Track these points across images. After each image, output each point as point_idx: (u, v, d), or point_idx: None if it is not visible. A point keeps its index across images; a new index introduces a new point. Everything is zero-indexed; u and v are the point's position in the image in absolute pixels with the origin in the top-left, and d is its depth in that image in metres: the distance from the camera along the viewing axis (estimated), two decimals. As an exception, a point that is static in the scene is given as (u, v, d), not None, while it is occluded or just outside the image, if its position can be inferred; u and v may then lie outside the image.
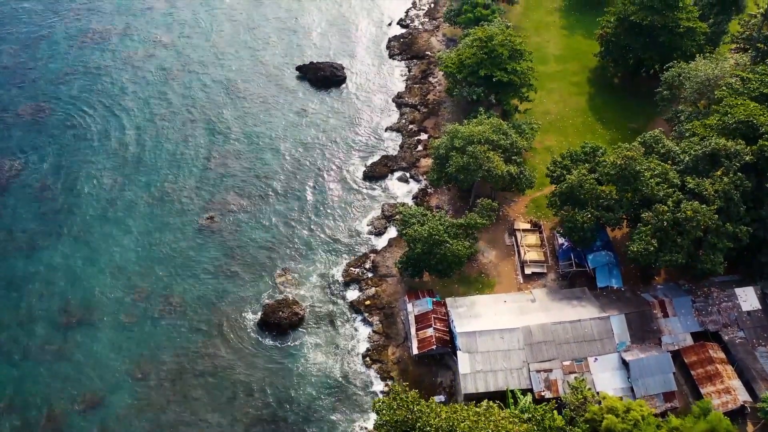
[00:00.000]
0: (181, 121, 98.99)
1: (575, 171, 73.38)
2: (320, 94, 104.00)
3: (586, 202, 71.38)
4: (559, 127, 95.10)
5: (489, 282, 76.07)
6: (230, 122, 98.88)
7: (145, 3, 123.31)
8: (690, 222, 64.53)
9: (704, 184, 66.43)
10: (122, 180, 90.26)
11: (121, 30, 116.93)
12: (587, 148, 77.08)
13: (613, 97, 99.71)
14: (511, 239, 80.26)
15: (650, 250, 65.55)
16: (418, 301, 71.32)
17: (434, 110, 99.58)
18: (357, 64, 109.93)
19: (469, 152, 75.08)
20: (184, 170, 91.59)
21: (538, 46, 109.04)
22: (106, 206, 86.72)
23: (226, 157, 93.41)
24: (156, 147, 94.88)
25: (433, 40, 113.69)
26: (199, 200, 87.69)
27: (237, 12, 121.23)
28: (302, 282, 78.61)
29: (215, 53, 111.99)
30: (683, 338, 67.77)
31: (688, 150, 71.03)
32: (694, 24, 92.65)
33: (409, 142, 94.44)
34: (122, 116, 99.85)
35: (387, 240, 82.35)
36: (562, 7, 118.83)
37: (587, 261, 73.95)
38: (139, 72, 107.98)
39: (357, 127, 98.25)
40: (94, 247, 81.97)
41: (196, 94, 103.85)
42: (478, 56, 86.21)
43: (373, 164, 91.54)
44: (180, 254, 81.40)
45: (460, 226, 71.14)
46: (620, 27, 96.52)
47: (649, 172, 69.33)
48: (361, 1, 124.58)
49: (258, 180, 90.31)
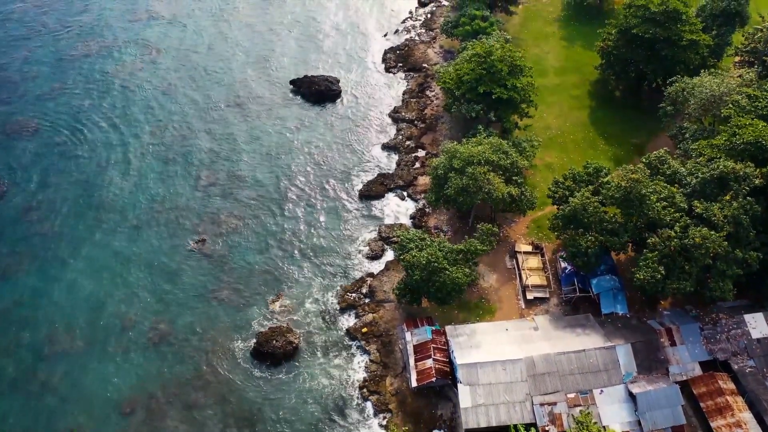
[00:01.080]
0: (171, 138, 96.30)
1: (578, 193, 70.96)
2: (315, 109, 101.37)
3: (589, 226, 69.00)
4: (559, 143, 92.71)
5: (490, 308, 73.60)
6: (222, 139, 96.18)
7: (134, 15, 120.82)
8: (698, 249, 62.17)
9: (713, 208, 64.09)
10: (110, 200, 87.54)
11: (111, 43, 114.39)
12: (590, 169, 74.73)
13: (615, 111, 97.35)
14: (512, 262, 77.82)
15: (657, 278, 63.17)
16: (416, 330, 68.81)
17: (432, 125, 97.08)
18: (352, 77, 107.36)
19: (468, 174, 72.61)
20: (173, 190, 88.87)
21: (538, 58, 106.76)
22: (93, 228, 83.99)
23: (217, 176, 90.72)
24: (145, 166, 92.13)
25: (430, 51, 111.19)
26: (190, 222, 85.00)
27: (230, 25, 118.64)
28: (297, 308, 75.95)
29: (207, 67, 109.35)
30: (692, 368, 65.44)
31: (695, 172, 68.69)
32: (697, 37, 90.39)
33: (406, 160, 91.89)
34: (111, 133, 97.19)
35: (384, 263, 79.77)
36: (561, 17, 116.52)
37: (591, 286, 71.52)
38: (129, 87, 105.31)
39: (352, 143, 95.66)
40: (81, 272, 79.19)
41: (187, 110, 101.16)
42: (476, 72, 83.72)
43: (370, 183, 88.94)
44: (169, 279, 78.67)
45: (460, 252, 68.65)
46: (621, 39, 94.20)
47: (655, 195, 66.97)
48: (356, 12, 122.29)
49: (250, 200, 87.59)
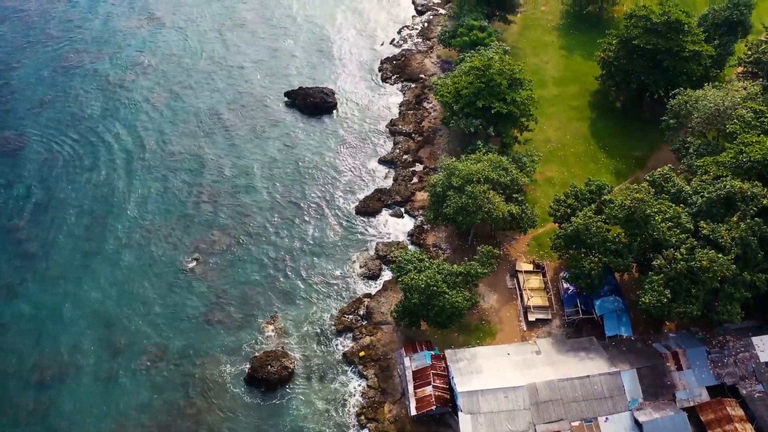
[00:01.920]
0: (164, 153, 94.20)
1: (581, 213, 69.11)
2: (310, 121, 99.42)
3: (592, 246, 67.15)
4: (560, 156, 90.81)
5: (490, 330, 71.65)
6: (215, 155, 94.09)
7: (129, 24, 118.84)
8: (706, 272, 60.33)
9: (720, 230, 62.25)
10: (101, 219, 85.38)
11: (102, 54, 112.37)
12: (592, 186, 72.87)
13: (616, 123, 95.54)
14: (513, 282, 75.91)
15: (663, 302, 61.30)
16: (415, 355, 66.80)
17: (429, 138, 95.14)
18: (348, 89, 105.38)
19: (467, 192, 70.70)
20: (166, 208, 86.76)
21: (536, 68, 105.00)
22: (83, 249, 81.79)
23: (211, 193, 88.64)
24: (136, 182, 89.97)
25: (427, 62, 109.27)
26: (182, 241, 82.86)
27: (226, 36, 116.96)
28: (292, 330, 73.87)
29: (202, 78, 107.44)
30: (699, 393, 63.54)
31: (700, 191, 66.86)
32: (699, 47, 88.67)
33: (404, 174, 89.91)
34: (101, 148, 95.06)
35: (382, 283, 77.77)
36: (560, 26, 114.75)
37: (594, 307, 69.68)
38: (120, 99, 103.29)
39: (348, 158, 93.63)
40: (70, 295, 76.99)
41: (180, 123, 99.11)
42: (475, 85, 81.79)
43: (366, 198, 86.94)
44: (161, 301, 76.53)
45: (459, 275, 66.68)
46: (622, 50, 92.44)
47: (660, 215, 65.11)
48: (352, 21, 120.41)
49: (244, 218, 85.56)
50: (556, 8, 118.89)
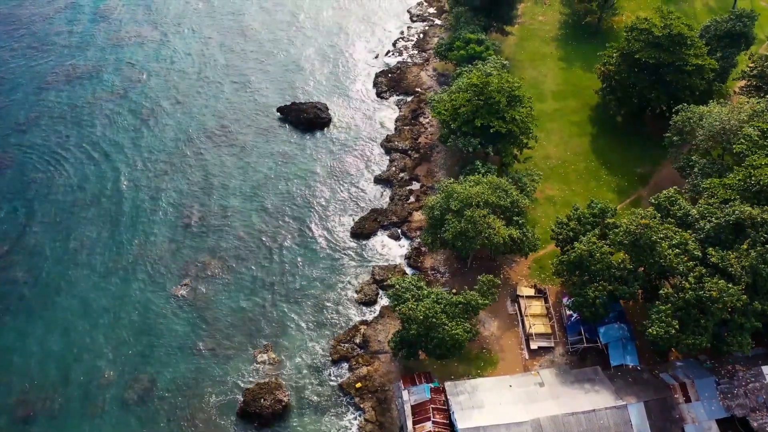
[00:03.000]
0: (152, 173, 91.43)
1: (584, 238, 66.76)
2: (303, 138, 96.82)
3: (596, 273, 64.79)
4: (560, 174, 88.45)
5: (491, 359, 69.22)
6: (205, 174, 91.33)
7: (117, 37, 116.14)
8: (715, 303, 58.02)
9: (729, 257, 59.93)
10: (88, 242, 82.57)
11: (92, 67, 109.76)
12: (595, 209, 70.48)
13: (617, 139, 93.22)
14: (514, 307, 73.50)
15: (671, 333, 58.98)
16: (414, 388, 64.19)
17: (426, 155, 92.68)
18: (342, 104, 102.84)
19: (467, 217, 68.27)
20: (155, 230, 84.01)
21: (535, 81, 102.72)
22: (70, 275, 78.95)
23: (201, 215, 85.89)
24: (124, 204, 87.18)
25: (423, 75, 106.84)
26: (172, 265, 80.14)
27: (217, 49, 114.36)
28: (286, 361, 71.20)
29: (192, 93, 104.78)
30: (708, 427, 61.16)
31: (707, 215, 64.52)
32: (702, 61, 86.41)
33: (400, 193, 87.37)
34: (88, 168, 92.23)
35: (378, 309, 75.25)
36: (558, 37, 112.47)
37: (599, 335, 67.32)
38: (110, 115, 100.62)
39: (343, 176, 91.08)
40: (55, 324, 74.15)
41: (169, 141, 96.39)
42: (473, 103, 79.34)
43: (362, 219, 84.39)
44: (151, 330, 73.77)
45: (459, 304, 64.21)
46: (623, 64, 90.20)
47: (667, 241, 62.75)
48: (346, 32, 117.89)
49: (235, 240, 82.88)
50: (554, 18, 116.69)
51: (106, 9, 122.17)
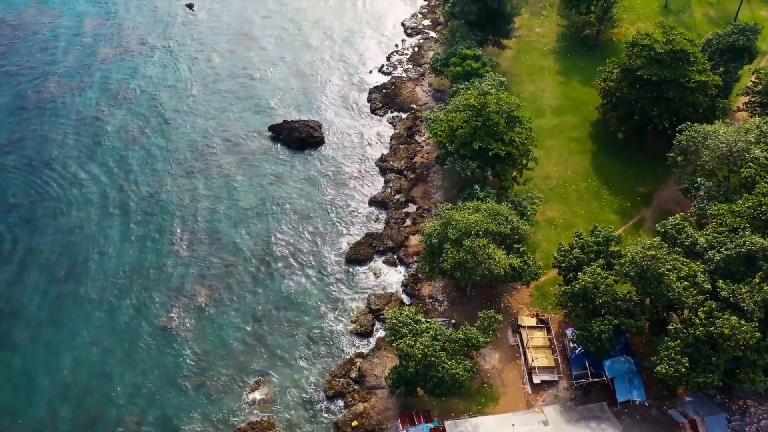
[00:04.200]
0: (139, 196, 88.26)
1: (588, 268, 64.08)
2: (296, 158, 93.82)
3: (602, 306, 62.15)
4: (561, 194, 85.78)
5: (492, 394, 66.39)
6: (194, 197, 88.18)
7: (102, 52, 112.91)
8: (727, 340, 55.42)
9: (741, 291, 57.31)
10: (72, 272, 79.32)
11: (77, 84, 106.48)
12: (599, 237, 67.79)
13: (618, 156, 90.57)
14: (515, 337, 70.78)
15: (681, 371, 56.36)
16: (413, 429, 61.36)
17: (423, 175, 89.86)
18: (336, 121, 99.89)
19: (466, 247, 65.49)
20: (142, 258, 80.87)
21: (533, 96, 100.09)
22: (54, 307, 75.76)
23: (190, 241, 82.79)
24: (110, 230, 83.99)
25: (418, 90, 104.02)
26: (159, 294, 77.09)
27: (205, 64, 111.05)
28: (278, 397, 68.18)
29: (179, 112, 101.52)
30: (720, 467, 58.87)
31: (716, 245, 61.92)
32: (706, 77, 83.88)
33: (396, 216, 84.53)
34: (73, 192, 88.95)
35: (374, 341, 72.39)
36: (556, 49, 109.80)
37: (604, 368, 64.63)
38: (95, 136, 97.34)
39: (337, 199, 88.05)
40: (39, 359, 71.00)
41: (158, 162, 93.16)
42: (471, 124, 76.56)
43: (357, 244, 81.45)
44: (137, 363, 70.75)
45: (458, 341, 61.38)
46: (624, 80, 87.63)
47: (675, 273, 60.11)
48: (339, 46, 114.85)
49: (225, 268, 79.83)
50: (552, 30, 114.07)
51: (91, 25, 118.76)
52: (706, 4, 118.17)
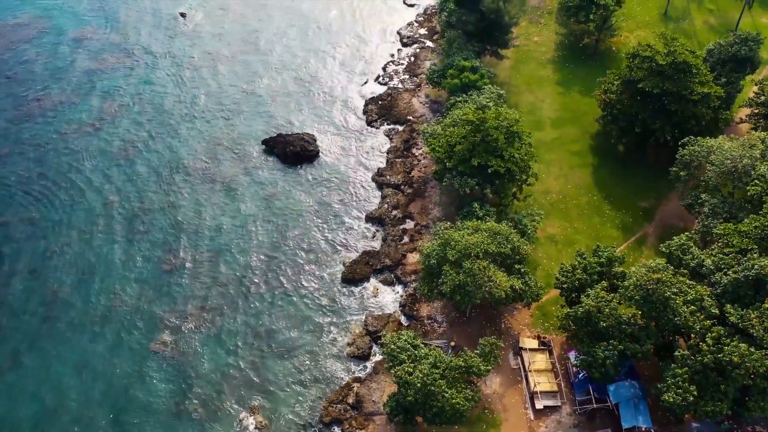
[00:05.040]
0: (129, 214, 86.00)
1: (591, 291, 62.25)
2: (290, 173, 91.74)
3: (605, 330, 60.28)
4: (561, 210, 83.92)
5: (494, 420, 64.42)
6: (186, 213, 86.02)
7: (91, 64, 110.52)
8: (737, 368, 53.63)
9: (750, 317, 55.57)
10: (59, 293, 77.00)
11: (65, 97, 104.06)
12: (602, 258, 65.92)
13: (619, 169, 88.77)
14: (517, 360, 68.87)
15: (689, 400, 54.55)
16: (412, 459, 59.66)
17: (420, 190, 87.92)
18: (331, 134, 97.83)
19: (465, 270, 63.58)
20: (132, 277, 78.71)
21: (532, 107, 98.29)
22: (39, 331, 73.39)
23: (182, 259, 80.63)
24: (99, 248, 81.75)
25: (415, 101, 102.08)
26: (151, 317, 74.91)
27: (196, 76, 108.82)
28: (273, 423, 65.97)
29: (171, 125, 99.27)
30: (729, 497, 57.08)
31: (723, 267, 60.17)
32: (708, 89, 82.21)
33: (393, 233, 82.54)
34: (61, 209, 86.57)
35: (372, 365, 70.39)
36: (555, 59, 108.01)
37: (609, 393, 62.77)
38: (84, 151, 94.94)
39: (333, 215, 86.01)
40: (23, 386, 68.66)
41: (148, 179, 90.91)
42: (469, 140, 74.62)
43: (353, 263, 79.43)
44: (127, 390, 68.49)
45: (459, 368, 59.43)
46: (625, 92, 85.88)
47: (681, 297, 58.33)
48: (334, 57, 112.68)
49: (218, 287, 77.72)
50: (550, 38, 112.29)
51: (80, 35, 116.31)
52: (707, 11, 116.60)
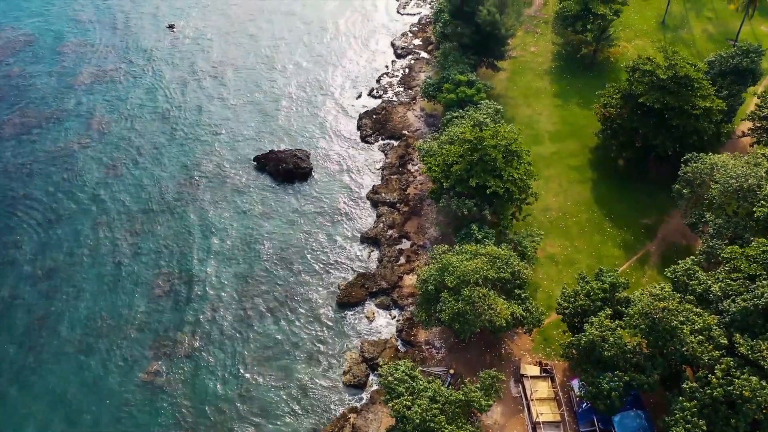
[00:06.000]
0: (117, 236, 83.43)
1: (595, 319, 60.19)
2: (282, 191, 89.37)
3: (610, 359, 58.26)
4: (561, 228, 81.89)
5: (495, 453, 62.62)
6: (175, 236, 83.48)
7: (78, 78, 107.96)
8: (748, 402, 51.68)
9: (760, 348, 53.54)
10: (44, 321, 74.42)
11: (50, 114, 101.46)
12: (605, 283, 63.81)
13: (620, 185, 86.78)
14: (518, 388, 66.79)
15: (699, 436, 52.61)
16: (411, 497, 57.33)
17: (416, 208, 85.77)
18: (324, 150, 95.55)
19: (464, 297, 61.46)
20: (120, 304, 76.18)
21: (530, 121, 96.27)
22: (24, 361, 70.84)
23: (171, 285, 78.11)
24: (85, 273, 79.21)
25: (410, 115, 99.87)
26: (140, 345, 72.48)
27: (184, 91, 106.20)
28: (267, 458, 64.21)
29: (158, 143, 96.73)
30: None
31: (731, 293, 58.15)
32: (710, 103, 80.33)
33: (389, 254, 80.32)
34: (48, 233, 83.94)
35: (369, 395, 68.16)
36: (552, 69, 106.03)
37: (614, 424, 60.75)
38: (68, 171, 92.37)
39: (327, 234, 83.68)
40: (5, 421, 66.33)
41: (135, 198, 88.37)
42: (467, 159, 72.47)
43: (348, 286, 77.17)
44: (116, 423, 66.02)
45: (459, 403, 57.28)
46: (625, 107, 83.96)
47: (688, 326, 56.35)
48: (326, 70, 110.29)
49: (209, 313, 75.29)
50: (547, 48, 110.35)
51: (67, 48, 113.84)
52: (705, 19, 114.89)
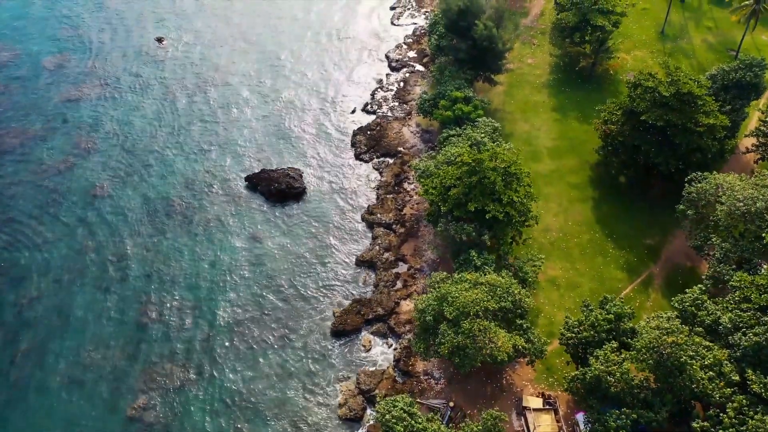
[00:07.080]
0: (103, 260, 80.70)
1: (600, 352, 57.85)
2: (275, 212, 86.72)
3: (617, 396, 55.94)
4: (562, 249, 79.55)
5: (498, 492, 60.07)
6: (164, 260, 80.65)
7: (65, 94, 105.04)
8: (762, 444, 49.52)
9: (774, 386, 51.48)
10: (28, 353, 71.57)
11: (35, 133, 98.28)
12: (610, 314, 61.45)
13: (622, 204, 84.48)
14: (520, 421, 64.36)
15: (711, 478, 50.43)
16: None
17: (413, 230, 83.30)
18: (318, 168, 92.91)
19: (464, 330, 59.02)
20: (107, 333, 73.46)
21: (528, 136, 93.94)
22: (6, 396, 67.99)
23: (159, 312, 75.33)
24: (71, 300, 76.37)
25: (405, 131, 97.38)
26: (128, 376, 69.72)
27: (173, 107, 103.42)
28: (260, 498, 61.65)
29: (146, 162, 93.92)
30: None
31: (741, 326, 55.93)
32: (714, 120, 78.19)
33: (386, 278, 77.77)
34: (33, 256, 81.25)
35: (365, 427, 65.65)
36: (550, 82, 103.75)
37: (620, 460, 58.54)
38: (53, 192, 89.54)
39: (321, 258, 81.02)
40: (-11, 462, 64.00)
41: (124, 220, 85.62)
42: (465, 182, 69.97)
43: (343, 313, 74.58)
44: (102, 464, 63.81)
45: (461, 443, 55.05)
46: (627, 124, 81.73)
47: (698, 361, 54.10)
48: (319, 84, 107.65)
49: (199, 342, 72.56)
50: (544, 60, 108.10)
51: (52, 64, 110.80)
52: (705, 29, 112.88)
